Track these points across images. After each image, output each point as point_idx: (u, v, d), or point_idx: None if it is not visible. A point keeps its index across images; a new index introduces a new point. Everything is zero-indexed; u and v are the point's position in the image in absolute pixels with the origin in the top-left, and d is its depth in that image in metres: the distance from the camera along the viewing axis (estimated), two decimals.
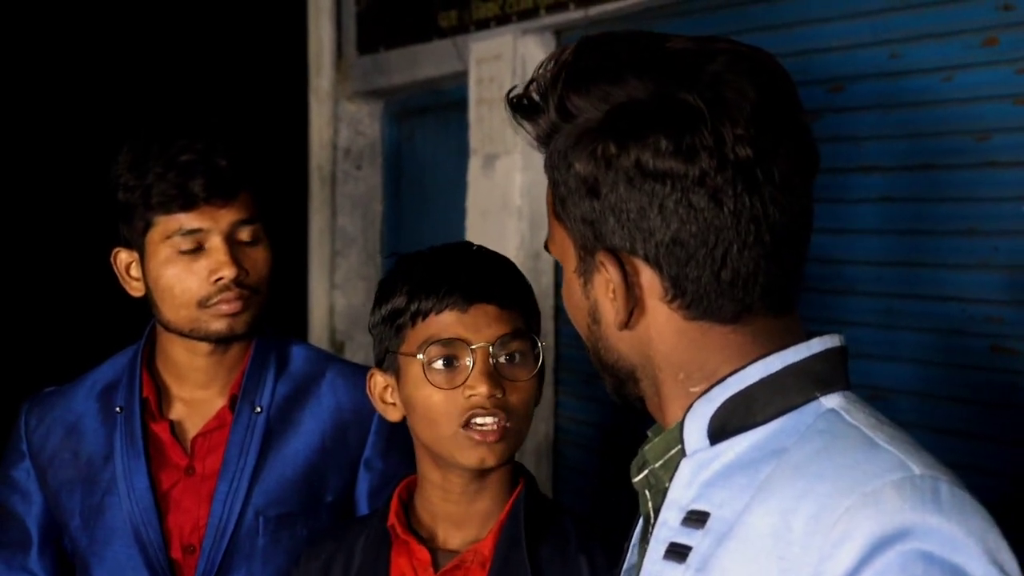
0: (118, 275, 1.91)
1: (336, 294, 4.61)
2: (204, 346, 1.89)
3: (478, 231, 3.57)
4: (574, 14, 3.20)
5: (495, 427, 1.57)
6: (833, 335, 1.08)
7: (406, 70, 4.17)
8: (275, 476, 1.89)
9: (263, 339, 1.95)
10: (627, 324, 1.07)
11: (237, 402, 1.90)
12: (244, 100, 5.12)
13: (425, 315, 1.59)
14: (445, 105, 4.15)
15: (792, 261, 1.06)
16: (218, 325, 1.85)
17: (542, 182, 3.90)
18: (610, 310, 1.08)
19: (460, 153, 3.82)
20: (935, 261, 2.45)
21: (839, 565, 0.95)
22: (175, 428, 1.92)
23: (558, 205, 1.10)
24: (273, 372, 1.93)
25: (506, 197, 3.50)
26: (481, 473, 1.61)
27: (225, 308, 1.84)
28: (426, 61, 4.03)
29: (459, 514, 1.63)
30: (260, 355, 1.93)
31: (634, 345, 1.09)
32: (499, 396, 1.56)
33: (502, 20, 3.54)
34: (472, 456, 1.57)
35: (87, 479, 1.92)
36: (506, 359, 1.59)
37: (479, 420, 1.57)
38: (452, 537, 1.64)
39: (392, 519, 1.64)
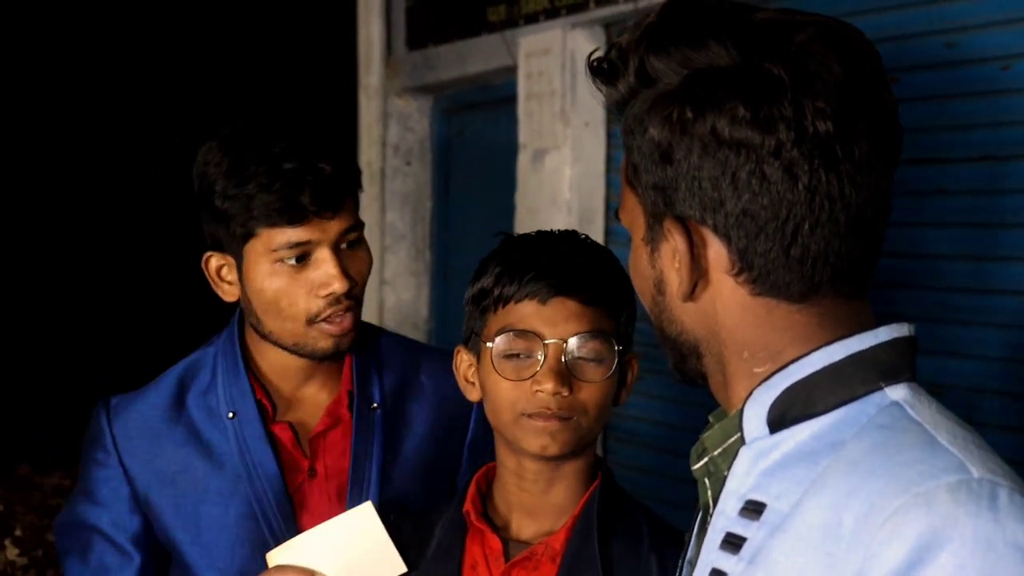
0: (209, 279, 1.81)
1: (386, 290, 4.61)
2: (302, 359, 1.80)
3: (527, 226, 3.56)
4: (623, 7, 3.17)
5: (557, 420, 1.56)
6: (902, 324, 1.05)
7: (455, 65, 4.16)
8: (398, 472, 1.85)
9: None
10: (691, 295, 1.05)
11: (354, 400, 1.83)
12: (294, 97, 5.14)
13: (506, 302, 1.58)
14: (494, 100, 4.14)
15: (866, 244, 1.03)
16: (324, 344, 1.76)
17: (591, 177, 3.88)
18: (675, 280, 1.06)
19: (509, 148, 3.80)
20: (995, 254, 2.41)
21: (884, 565, 0.92)
22: (294, 429, 1.84)
23: (631, 172, 1.08)
24: (375, 366, 1.87)
25: (555, 192, 3.48)
26: (553, 462, 1.60)
27: (334, 329, 1.75)
28: (475, 56, 4.02)
29: (533, 504, 1.62)
30: (360, 350, 1.86)
31: (698, 318, 1.06)
32: (565, 395, 1.55)
33: (551, 14, 3.52)
34: (534, 442, 1.56)
35: (185, 484, 1.82)
36: (581, 358, 1.57)
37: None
38: (526, 527, 1.63)
39: (468, 505, 1.64)
